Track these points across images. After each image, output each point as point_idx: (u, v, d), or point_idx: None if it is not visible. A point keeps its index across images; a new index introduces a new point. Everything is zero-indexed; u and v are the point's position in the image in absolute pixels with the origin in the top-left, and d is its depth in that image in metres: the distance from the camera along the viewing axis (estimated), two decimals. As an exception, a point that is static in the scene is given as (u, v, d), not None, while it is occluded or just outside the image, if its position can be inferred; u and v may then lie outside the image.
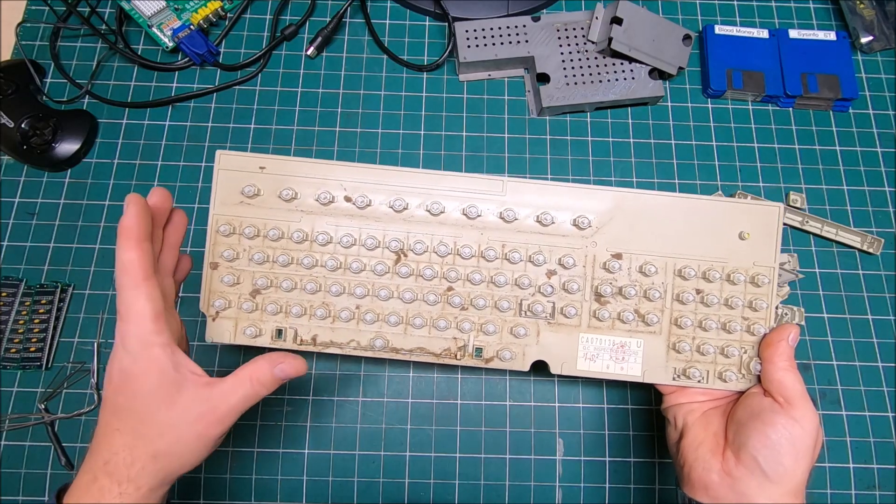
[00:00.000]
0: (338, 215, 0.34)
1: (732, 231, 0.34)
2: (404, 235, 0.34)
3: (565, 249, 0.34)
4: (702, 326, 0.34)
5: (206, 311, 0.35)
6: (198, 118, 0.49)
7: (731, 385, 0.34)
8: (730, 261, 0.34)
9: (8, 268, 0.45)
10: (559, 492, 0.42)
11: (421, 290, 0.34)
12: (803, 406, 0.30)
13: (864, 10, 0.52)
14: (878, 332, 0.45)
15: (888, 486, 0.42)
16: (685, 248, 0.34)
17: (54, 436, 0.41)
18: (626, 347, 0.35)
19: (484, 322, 0.34)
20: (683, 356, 0.34)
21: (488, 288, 0.34)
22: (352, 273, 0.34)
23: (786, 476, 0.30)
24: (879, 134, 0.50)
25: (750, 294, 0.34)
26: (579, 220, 0.34)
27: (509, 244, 0.34)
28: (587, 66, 0.49)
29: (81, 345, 0.43)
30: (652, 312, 0.34)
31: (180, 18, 0.50)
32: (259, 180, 0.34)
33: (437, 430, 0.43)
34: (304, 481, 0.42)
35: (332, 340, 0.35)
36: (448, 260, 0.34)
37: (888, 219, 0.48)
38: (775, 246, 0.34)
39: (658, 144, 0.49)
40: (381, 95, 0.51)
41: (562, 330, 0.35)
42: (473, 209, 0.34)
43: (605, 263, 0.34)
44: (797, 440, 0.30)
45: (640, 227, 0.34)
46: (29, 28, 0.52)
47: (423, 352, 0.35)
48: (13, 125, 0.46)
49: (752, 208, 0.34)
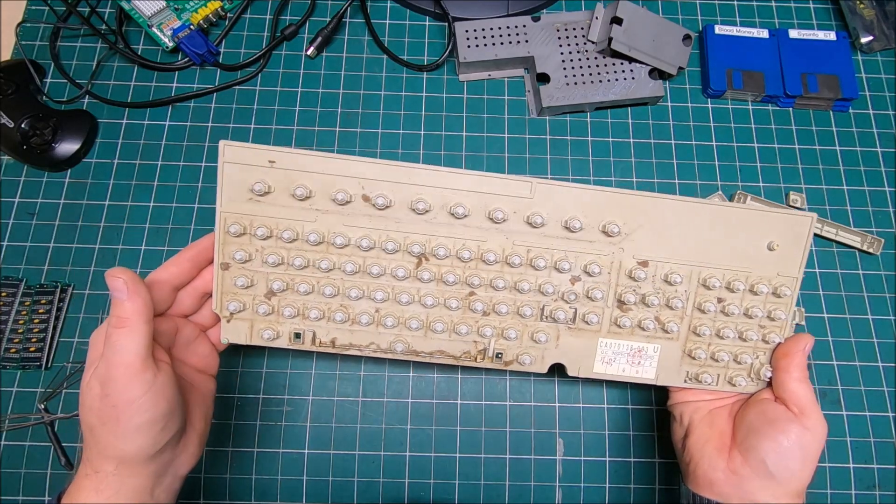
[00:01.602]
0: (356, 215, 0.32)
1: (762, 240, 0.33)
2: (426, 239, 0.33)
3: (591, 256, 0.33)
4: (719, 335, 0.34)
5: (219, 313, 0.34)
6: (198, 118, 0.49)
7: (740, 388, 0.34)
8: (754, 270, 0.34)
9: (8, 268, 0.45)
10: (559, 492, 0.42)
11: (443, 295, 0.34)
12: (816, 416, 0.31)
13: (864, 10, 0.52)
14: (878, 332, 0.45)
15: (888, 486, 0.42)
16: (712, 256, 0.33)
17: (54, 436, 0.41)
18: (643, 352, 0.34)
19: (505, 327, 0.34)
20: (698, 362, 0.34)
21: (511, 294, 0.34)
22: (371, 277, 0.33)
23: (792, 479, 0.31)
24: (879, 134, 0.50)
25: (770, 304, 0.34)
26: (608, 226, 0.33)
27: (534, 250, 0.33)
28: (587, 66, 0.49)
29: (81, 345, 0.43)
30: (672, 321, 0.34)
31: (180, 18, 0.50)
32: (269, 176, 0.32)
33: (437, 430, 0.43)
34: (304, 481, 0.42)
35: (352, 343, 0.34)
36: (471, 265, 0.33)
37: (888, 219, 0.48)
38: (802, 256, 0.33)
39: (658, 144, 0.49)
40: (381, 95, 0.51)
41: (582, 335, 0.34)
42: (500, 213, 0.32)
43: (631, 271, 0.33)
44: (807, 447, 0.31)
45: (669, 234, 0.33)
46: (29, 28, 0.52)
47: (444, 355, 0.34)
48: (13, 125, 0.46)
49: (782, 218, 0.33)
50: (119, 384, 0.27)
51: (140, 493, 0.29)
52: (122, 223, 0.46)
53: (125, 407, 0.27)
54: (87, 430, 0.29)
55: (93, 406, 0.28)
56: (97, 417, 0.28)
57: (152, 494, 0.29)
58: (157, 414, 0.28)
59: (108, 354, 0.28)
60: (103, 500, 0.28)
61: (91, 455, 0.29)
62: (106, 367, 0.27)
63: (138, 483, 0.29)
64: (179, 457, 0.31)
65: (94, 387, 0.28)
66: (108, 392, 0.27)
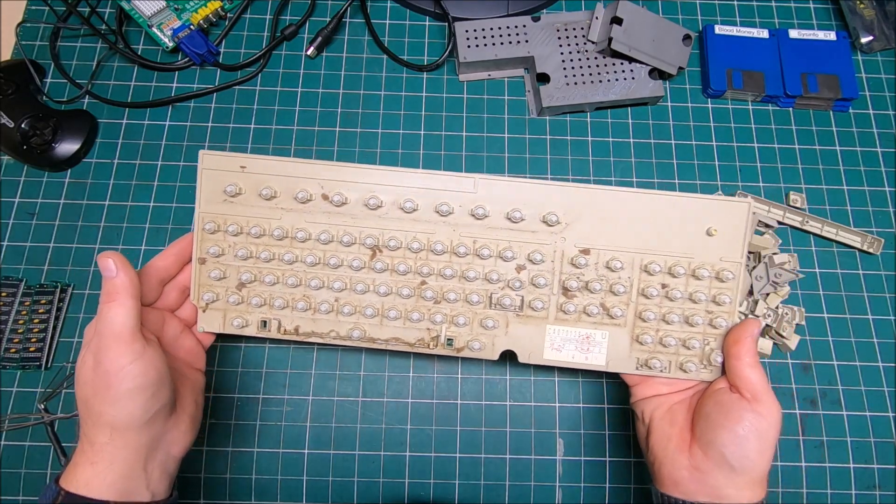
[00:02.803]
0: (315, 212, 0.35)
1: (700, 227, 0.34)
2: (379, 232, 0.35)
3: (534, 245, 0.35)
4: (665, 320, 0.35)
5: (196, 304, 0.36)
6: (198, 118, 0.49)
7: (692, 375, 0.35)
8: (696, 256, 0.35)
9: (8, 268, 0.45)
10: (559, 492, 0.42)
11: (395, 284, 0.36)
12: (769, 400, 0.31)
13: (864, 9, 0.52)
14: (878, 332, 0.45)
15: (888, 486, 0.42)
16: (652, 243, 0.35)
17: (54, 436, 0.41)
18: (591, 339, 0.36)
19: (455, 314, 0.36)
20: (646, 347, 0.35)
21: (459, 282, 0.36)
22: (330, 268, 0.36)
23: (753, 468, 0.31)
24: (879, 134, 0.50)
25: (715, 289, 0.35)
26: (548, 216, 0.35)
27: (480, 240, 0.35)
28: (587, 66, 0.49)
29: (81, 345, 0.43)
30: (617, 306, 0.35)
31: (180, 18, 0.50)
32: (240, 179, 0.35)
33: (437, 430, 0.43)
34: (304, 481, 0.42)
35: (314, 331, 0.36)
36: (421, 255, 0.36)
37: (888, 219, 0.48)
38: (743, 241, 0.34)
39: (658, 144, 0.49)
40: (381, 95, 0.51)
41: (530, 322, 0.36)
42: (445, 206, 0.35)
43: (573, 259, 0.35)
44: (763, 433, 0.30)
45: (609, 223, 0.35)
46: (29, 28, 0.52)
47: (399, 342, 0.36)
48: (13, 125, 0.46)
49: (720, 205, 0.34)
50: (111, 352, 0.29)
51: (132, 466, 0.30)
52: (122, 223, 0.46)
53: (116, 372, 0.29)
54: (81, 405, 0.30)
55: (87, 379, 0.30)
56: (91, 388, 0.30)
57: (145, 469, 0.31)
58: (147, 381, 0.30)
59: (99, 328, 0.30)
60: (98, 471, 0.29)
61: (86, 429, 0.30)
62: (98, 340, 0.30)
63: (130, 455, 0.30)
64: (171, 432, 0.33)
65: (88, 360, 0.30)
66: (99, 360, 0.29)
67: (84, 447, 0.30)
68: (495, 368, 0.44)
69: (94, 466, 0.29)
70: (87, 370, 0.30)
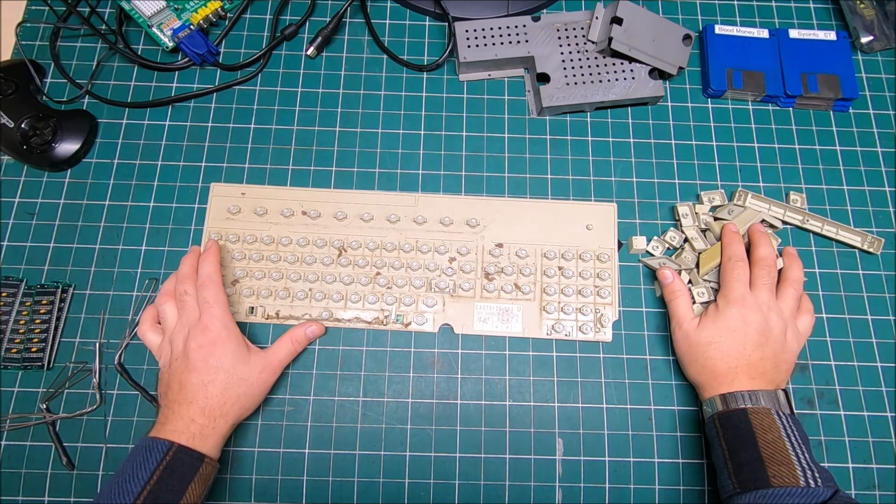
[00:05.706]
0: (296, 224, 0.47)
1: (581, 224, 0.47)
2: (344, 237, 0.46)
3: (461, 242, 0.46)
4: (563, 293, 0.45)
5: None
6: (198, 118, 0.50)
7: (590, 336, 0.44)
8: (581, 245, 0.47)
9: (8, 268, 0.45)
10: (559, 492, 0.42)
11: (356, 275, 0.46)
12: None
13: (864, 9, 0.52)
14: (877, 333, 0.45)
15: (888, 486, 0.42)
16: (549, 237, 0.47)
17: (55, 436, 0.41)
18: (509, 312, 0.45)
19: (403, 296, 0.45)
20: (552, 316, 0.45)
21: (406, 272, 0.46)
22: (306, 265, 0.46)
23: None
24: (879, 134, 0.50)
25: (598, 268, 0.46)
26: (470, 220, 0.47)
27: (420, 240, 0.46)
28: (587, 66, 0.49)
29: (83, 345, 0.44)
30: (526, 284, 0.45)
31: (180, 18, 0.50)
32: (240, 202, 0.47)
33: (437, 430, 0.43)
34: (304, 481, 0.42)
35: (291, 314, 0.45)
36: (376, 253, 0.46)
37: (888, 219, 0.48)
38: (614, 232, 0.47)
39: (658, 144, 0.49)
40: (381, 95, 0.51)
41: (461, 300, 0.45)
42: (394, 216, 0.47)
43: (491, 251, 0.46)
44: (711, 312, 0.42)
45: (515, 223, 0.47)
46: (29, 28, 0.52)
47: (359, 321, 0.45)
48: (13, 125, 0.46)
49: (594, 207, 0.47)
50: (270, 383, 0.41)
51: (225, 437, 0.39)
52: (122, 223, 0.46)
53: (263, 394, 0.41)
54: (216, 397, 0.38)
55: (252, 381, 0.39)
56: (247, 394, 0.39)
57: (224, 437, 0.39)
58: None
59: (279, 357, 0.42)
60: (199, 444, 0.36)
61: (193, 413, 0.37)
62: (267, 356, 0.41)
63: (227, 432, 0.39)
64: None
65: (256, 366, 0.40)
66: (265, 378, 0.40)
67: (185, 424, 0.37)
68: (495, 368, 0.44)
69: (195, 439, 0.36)
70: (254, 375, 0.39)
